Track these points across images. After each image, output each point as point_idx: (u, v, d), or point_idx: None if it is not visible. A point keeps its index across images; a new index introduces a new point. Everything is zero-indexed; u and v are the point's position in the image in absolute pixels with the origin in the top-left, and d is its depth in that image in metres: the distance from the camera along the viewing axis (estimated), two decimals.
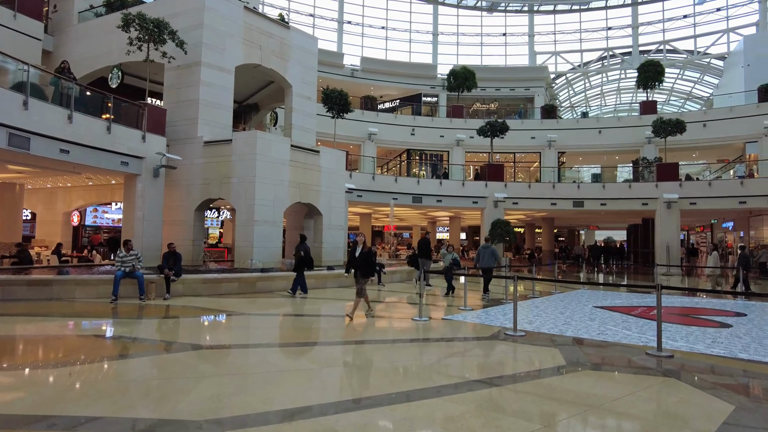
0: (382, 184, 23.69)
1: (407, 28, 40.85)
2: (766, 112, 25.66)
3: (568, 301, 11.33)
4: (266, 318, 8.58)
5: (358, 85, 33.77)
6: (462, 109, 31.01)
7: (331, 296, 11.85)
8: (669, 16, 38.40)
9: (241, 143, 15.30)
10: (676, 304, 11.03)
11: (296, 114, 18.97)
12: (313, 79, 19.97)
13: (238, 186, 15.09)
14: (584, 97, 45.70)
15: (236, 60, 16.99)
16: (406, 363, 5.30)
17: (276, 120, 24.70)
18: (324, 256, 17.15)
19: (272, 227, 15.28)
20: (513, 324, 7.07)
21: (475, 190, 25.31)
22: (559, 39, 41.21)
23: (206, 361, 5.26)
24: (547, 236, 34.49)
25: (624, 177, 29.85)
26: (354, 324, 7.99)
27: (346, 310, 8.22)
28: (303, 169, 16.53)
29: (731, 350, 6.13)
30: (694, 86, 40.91)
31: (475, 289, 13.07)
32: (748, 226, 26.93)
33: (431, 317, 8.43)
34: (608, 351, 6.05)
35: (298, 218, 18.91)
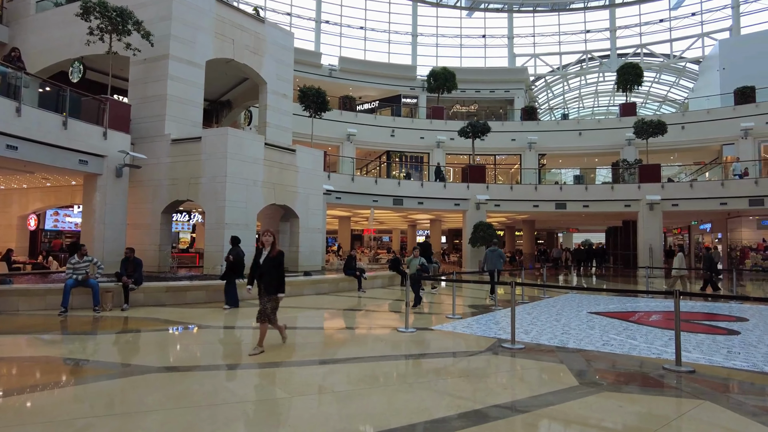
0: (361, 185, 22.90)
1: (386, 28, 40.24)
2: (743, 114, 25.77)
3: (560, 306, 10.73)
4: (233, 332, 7.70)
5: (336, 85, 32.97)
6: (442, 110, 30.48)
7: (310, 304, 10.99)
8: (646, 20, 38.70)
9: (211, 141, 14.35)
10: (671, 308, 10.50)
11: (271, 112, 18.09)
12: (289, 76, 19.12)
13: (208, 187, 14.13)
14: (563, 99, 45.80)
15: (207, 54, 16.05)
16: (397, 387, 4.52)
17: (250, 119, 23.73)
18: (301, 261, 16.26)
19: (245, 231, 14.31)
20: (511, 335, 6.37)
21: (457, 192, 24.74)
22: (538, 41, 41.16)
23: (153, 389, 4.39)
24: (528, 239, 34.15)
25: (603, 179, 29.72)
26: (334, 336, 7.19)
27: (254, 344, 6.01)
28: (278, 169, 15.64)
29: (754, 363, 5.53)
30: (669, 89, 41.32)
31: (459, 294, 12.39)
32: (726, 228, 27.00)
33: (418, 328, 7.67)
34: (620, 366, 5.38)
35: (273, 221, 17.99)
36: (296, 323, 8.59)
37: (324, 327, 8.25)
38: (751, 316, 9.46)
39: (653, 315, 9.43)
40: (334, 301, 11.58)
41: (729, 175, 25.25)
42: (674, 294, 5.29)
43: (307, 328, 8.19)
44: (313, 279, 12.95)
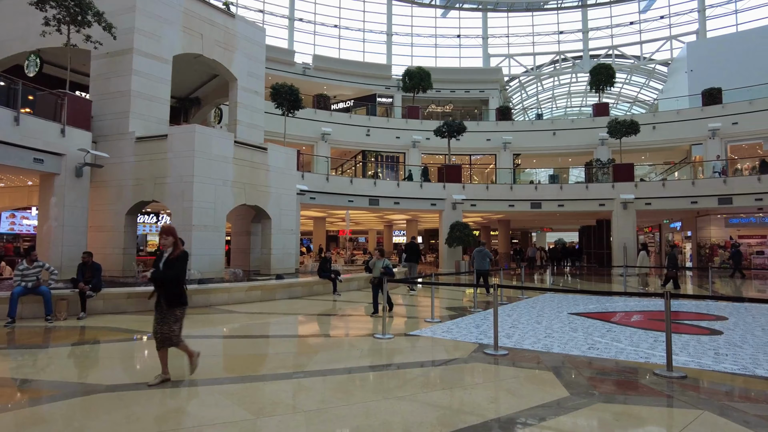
0: (336, 185, 22.43)
1: (361, 27, 39.83)
2: (710, 115, 26.29)
3: (540, 307, 10.51)
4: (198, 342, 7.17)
5: (310, 83, 32.40)
6: (418, 110, 30.24)
7: (282, 309, 10.49)
8: (617, 22, 39.32)
9: (178, 139, 13.69)
10: (651, 308, 10.41)
11: (242, 109, 17.48)
12: (261, 73, 18.53)
13: (174, 187, 13.47)
14: (536, 100, 46.20)
15: (174, 49, 15.36)
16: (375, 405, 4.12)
17: (221, 117, 23.00)
18: (273, 264, 15.70)
19: (213, 233, 13.72)
20: (494, 341, 6.05)
21: (433, 191, 24.51)
22: (512, 42, 41.38)
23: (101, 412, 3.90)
24: (504, 238, 34.23)
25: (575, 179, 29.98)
26: (306, 345, 6.75)
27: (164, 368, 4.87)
28: (249, 168, 15.06)
29: (744, 365, 5.34)
30: (640, 90, 42.10)
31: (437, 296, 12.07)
32: (695, 226, 27.50)
33: (395, 333, 7.29)
34: (609, 372, 5.10)
35: (244, 222, 17.39)
36: (266, 330, 8.11)
37: (295, 334, 7.79)
38: (729, 314, 9.41)
39: (634, 315, 9.28)
40: (308, 306, 11.11)
41: (698, 174, 25.74)
42: (665, 296, 5.04)
43: (277, 336, 7.72)
44: (285, 282, 12.44)
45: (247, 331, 7.95)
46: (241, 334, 7.78)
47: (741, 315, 9.32)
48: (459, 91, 36.38)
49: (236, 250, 18.03)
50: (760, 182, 21.50)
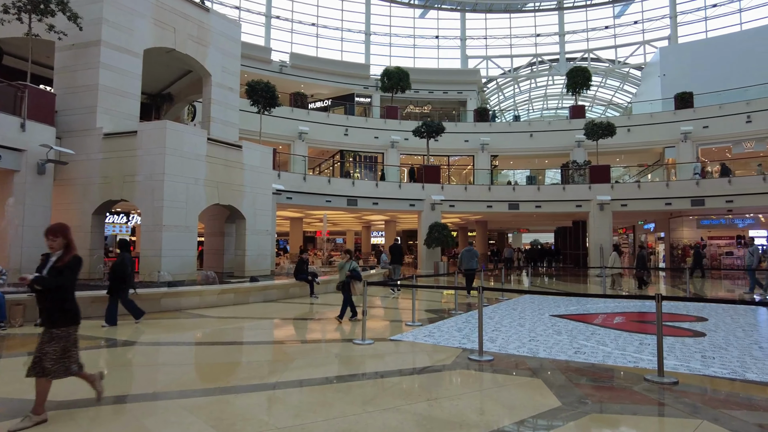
0: (314, 185, 22.00)
1: (339, 26, 39.44)
2: (683, 119, 26.76)
3: (521, 309, 10.35)
4: (163, 350, 6.74)
5: (287, 81, 31.85)
6: (396, 110, 30.01)
7: (256, 313, 10.07)
8: (592, 26, 39.87)
9: (148, 136, 13.14)
10: (632, 309, 10.36)
11: (216, 106, 16.95)
12: (236, 69, 18.01)
13: (144, 185, 12.92)
14: (513, 102, 46.52)
15: (145, 42, 14.76)
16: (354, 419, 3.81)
17: (194, 114, 22.39)
18: (248, 266, 15.23)
19: (185, 233, 13.20)
20: (478, 346, 5.80)
21: (412, 192, 24.30)
22: (490, 43, 41.56)
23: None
24: (481, 239, 34.25)
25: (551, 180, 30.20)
26: (281, 352, 6.38)
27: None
28: (223, 167, 14.57)
29: (733, 369, 5.21)
30: (614, 94, 42.78)
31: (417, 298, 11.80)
32: (669, 227, 28.00)
33: (375, 338, 6.99)
34: (600, 379, 4.90)
35: (218, 223, 16.87)
36: (239, 336, 7.71)
37: (270, 340, 7.40)
38: (708, 315, 9.40)
39: (616, 317, 9.18)
40: (284, 309, 10.71)
41: (671, 176, 26.17)
42: (656, 298, 4.87)
43: (250, 342, 7.33)
44: (260, 285, 12.00)
45: (218, 337, 7.54)
46: (212, 340, 7.36)
47: (720, 316, 9.32)
48: (437, 92, 36.33)
49: (209, 252, 17.47)
50: (731, 185, 21.95)
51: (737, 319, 8.91)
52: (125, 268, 8.31)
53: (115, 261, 8.39)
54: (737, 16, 35.52)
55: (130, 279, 8.39)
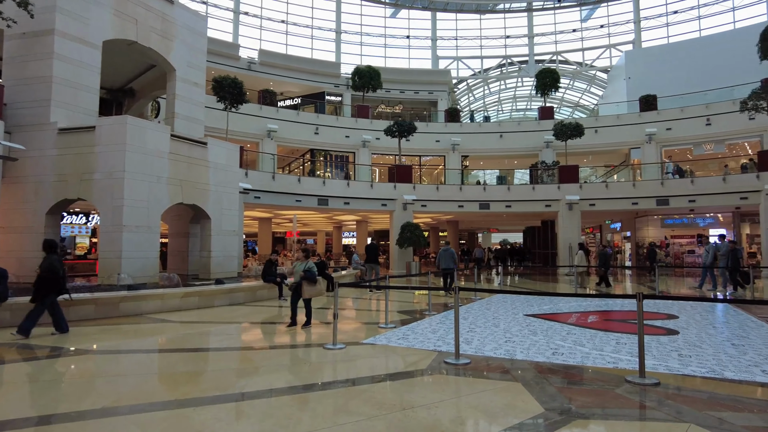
0: (283, 184, 21.48)
1: (309, 23, 38.90)
2: (647, 120, 27.40)
3: (494, 309, 10.22)
4: (118, 358, 6.27)
5: (256, 79, 31.18)
6: (368, 109, 29.72)
7: (221, 318, 9.62)
8: (560, 29, 40.55)
9: (107, 131, 12.48)
10: (605, 308, 10.38)
11: (181, 102, 16.28)
12: (202, 64, 17.37)
13: (103, 183, 12.27)
14: (483, 103, 46.89)
15: (104, 34, 14.02)
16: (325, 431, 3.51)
17: (158, 111, 21.57)
18: (214, 268, 14.66)
19: (147, 234, 12.59)
20: (454, 348, 5.57)
21: (384, 191, 24.06)
22: (460, 44, 41.77)
23: None
24: (453, 239, 34.26)
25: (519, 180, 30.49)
26: (247, 359, 6.02)
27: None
28: (187, 164, 13.99)
29: (711, 368, 5.14)
30: (581, 96, 43.62)
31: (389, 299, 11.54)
32: (634, 226, 28.65)
33: (347, 342, 6.69)
34: (580, 381, 4.74)
35: (182, 223, 16.21)
36: (202, 342, 7.28)
37: (235, 346, 7.00)
38: (678, 312, 9.48)
39: (590, 316, 9.15)
40: (251, 313, 10.29)
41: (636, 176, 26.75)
42: (637, 297, 4.74)
43: (213, 348, 6.91)
44: (226, 287, 11.52)
45: (179, 344, 7.09)
46: (173, 347, 6.92)
47: (689, 313, 9.40)
48: (408, 92, 36.26)
49: (173, 253, 16.79)
50: (693, 185, 22.56)
51: (706, 316, 9.00)
52: (56, 271, 7.42)
53: (42, 264, 7.46)
54: (696, 23, 36.72)
55: (62, 283, 7.53)
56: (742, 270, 13.42)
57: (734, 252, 13.39)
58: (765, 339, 6.81)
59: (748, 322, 8.34)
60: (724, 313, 9.37)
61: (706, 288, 14.55)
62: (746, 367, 5.18)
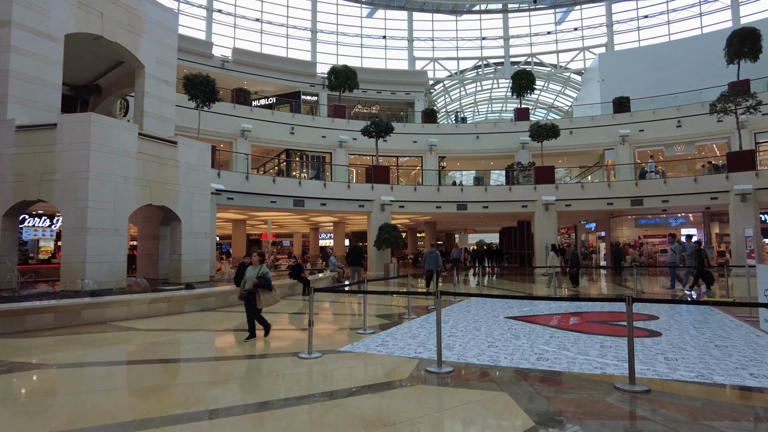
0: (257, 185, 20.95)
1: (284, 22, 38.31)
2: (621, 122, 27.81)
3: (474, 311, 10.03)
4: (74, 373, 5.82)
5: (229, 77, 30.52)
6: (344, 109, 29.38)
7: (191, 325, 9.16)
8: (536, 31, 40.93)
9: (70, 129, 11.88)
10: (585, 309, 10.30)
11: (150, 100, 15.65)
12: (173, 61, 16.77)
13: (65, 184, 11.66)
14: (459, 104, 47.02)
15: (66, 26, 13.35)
16: None
17: (127, 109, 20.81)
18: (184, 272, 14.11)
19: (113, 237, 12.01)
20: (437, 356, 5.32)
21: (362, 192, 23.75)
22: (437, 45, 41.77)
23: None
24: (430, 240, 34.20)
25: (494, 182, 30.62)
26: (216, 371, 5.64)
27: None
28: (156, 164, 13.44)
29: (699, 372, 5.01)
30: (556, 98, 44.13)
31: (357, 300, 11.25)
32: (609, 227, 29.02)
33: (324, 351, 6.37)
34: (569, 390, 4.53)
35: (152, 225, 15.60)
36: (167, 353, 6.85)
37: (203, 357, 6.60)
38: (657, 312, 9.45)
39: (571, 318, 9.03)
40: (222, 319, 9.85)
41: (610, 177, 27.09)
42: (626, 301, 4.57)
43: (180, 359, 6.50)
44: (196, 293, 11.03)
45: (143, 355, 6.65)
46: (136, 358, 6.48)
47: (669, 313, 9.38)
48: (385, 93, 36.06)
49: (143, 257, 16.16)
50: (666, 185, 22.92)
51: (686, 316, 8.99)
52: None
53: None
54: (666, 27, 37.54)
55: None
56: (705, 271, 13.65)
57: (699, 252, 13.58)
58: (746, 339, 6.76)
59: (727, 321, 8.34)
60: (703, 313, 9.38)
61: (678, 288, 14.70)
62: (734, 370, 5.07)
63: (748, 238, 8.96)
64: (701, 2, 36.22)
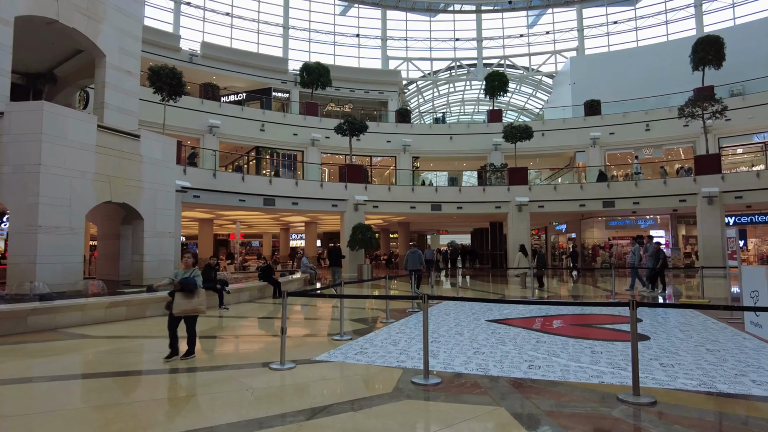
0: (226, 182, 20.12)
1: (255, 17, 37.37)
2: (592, 125, 28.13)
3: (454, 314, 9.66)
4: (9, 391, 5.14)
5: (197, 72, 29.49)
6: (317, 107, 28.75)
7: (151, 331, 8.47)
8: (508, 34, 41.18)
9: (19, 119, 11.00)
10: (566, 312, 10.08)
11: (111, 91, 14.72)
12: (137, 51, 15.87)
13: (13, 178, 10.77)
14: (432, 105, 46.96)
15: (16, 8, 12.36)
16: None
17: (87, 101, 19.69)
18: (147, 273, 13.31)
19: (68, 236, 11.17)
20: (423, 367, 4.88)
21: (335, 192, 23.19)
22: (411, 45, 41.56)
23: None
24: (404, 241, 33.91)
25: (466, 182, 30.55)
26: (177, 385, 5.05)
27: None
28: (117, 159, 12.63)
29: (700, 379, 4.73)
30: (527, 101, 44.55)
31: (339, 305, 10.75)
32: (580, 228, 29.31)
33: (297, 360, 5.85)
34: (568, 402, 4.16)
35: (113, 224, 14.71)
36: (122, 364, 6.17)
37: (164, 369, 5.97)
38: (639, 314, 9.29)
39: (555, 321, 8.75)
40: None
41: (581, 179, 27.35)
42: (630, 305, 4.24)
43: (138, 372, 5.87)
44: (159, 296, 10.27)
45: (95, 366, 5.99)
46: (86, 371, 5.81)
47: (650, 314, 9.23)
48: (358, 91, 35.59)
49: (104, 257, 15.24)
50: (637, 187, 23.22)
51: (668, 318, 8.85)
52: None
53: None
54: (634, 33, 38.34)
55: None
56: (660, 272, 13.80)
57: (657, 253, 13.75)
58: (735, 342, 6.60)
59: (710, 323, 8.22)
60: (685, 315, 9.27)
61: (639, 289, 14.77)
62: (735, 377, 4.83)
63: (730, 239, 8.88)
64: (667, 11, 37.15)
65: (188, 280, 6.11)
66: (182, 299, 6.10)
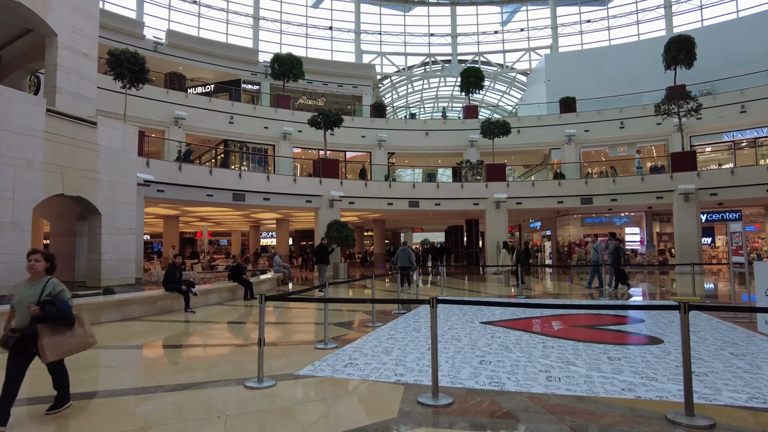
0: (192, 176, 18.88)
1: (224, 6, 35.86)
2: (567, 122, 28.04)
3: (445, 316, 8.97)
4: None
5: (162, 61, 27.95)
6: (288, 99, 27.66)
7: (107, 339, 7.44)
8: (483, 30, 40.91)
9: None
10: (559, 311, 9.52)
11: (64, 74, 13.40)
12: (93, 32, 14.56)
13: None
14: (406, 101, 46.35)
15: None
16: None
17: (38, 87, 18.12)
18: (106, 274, 12.12)
19: (11, 232, 9.95)
20: (432, 384, 4.14)
21: (309, 187, 22.23)
22: (385, 40, 40.78)
23: None
24: (379, 239, 33.21)
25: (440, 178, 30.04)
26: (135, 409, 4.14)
27: None
28: (70, 147, 11.42)
29: (750, 393, 4.14)
30: (501, 98, 44.44)
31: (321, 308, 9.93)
32: (555, 225, 29.21)
33: (277, 376, 5.02)
34: (611, 424, 3.49)
35: (68, 220, 13.43)
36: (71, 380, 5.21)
37: (117, 388, 5.03)
38: (640, 315, 8.80)
39: (553, 322, 8.17)
40: (148, 331, 8.18)
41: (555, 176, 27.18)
42: (681, 308, 3.59)
43: (85, 393, 4.91)
44: (116, 299, 9.22)
45: (35, 384, 5.01)
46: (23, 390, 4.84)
47: (650, 314, 8.76)
48: (332, 85, 34.63)
49: (57, 256, 13.80)
50: (615, 184, 23.15)
51: (669, 318, 8.38)
52: None
53: None
54: (606, 32, 38.64)
55: None
56: (620, 268, 13.73)
57: (617, 250, 13.75)
58: (756, 345, 6.11)
59: (716, 323, 7.78)
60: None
61: (594, 286, 14.49)
62: None
63: (735, 234, 8.48)
64: (638, 11, 37.58)
65: (61, 306, 3.80)
66: (52, 337, 3.80)
